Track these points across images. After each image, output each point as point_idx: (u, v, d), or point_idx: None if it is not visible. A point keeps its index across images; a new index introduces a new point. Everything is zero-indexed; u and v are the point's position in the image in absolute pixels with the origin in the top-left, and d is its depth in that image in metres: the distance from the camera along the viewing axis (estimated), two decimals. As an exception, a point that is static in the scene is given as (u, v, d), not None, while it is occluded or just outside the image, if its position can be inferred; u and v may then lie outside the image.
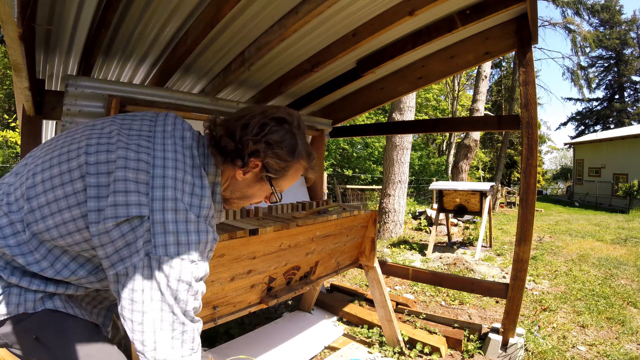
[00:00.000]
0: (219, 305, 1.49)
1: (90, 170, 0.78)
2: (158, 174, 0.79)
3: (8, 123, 9.54)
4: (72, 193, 0.78)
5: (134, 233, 0.75)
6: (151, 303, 0.74)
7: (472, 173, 19.80)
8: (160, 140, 0.85)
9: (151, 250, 0.74)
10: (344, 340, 2.47)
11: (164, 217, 0.76)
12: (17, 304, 0.81)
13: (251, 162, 0.88)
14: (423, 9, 1.89)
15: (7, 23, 0.96)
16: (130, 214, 0.75)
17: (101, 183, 0.78)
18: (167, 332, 0.75)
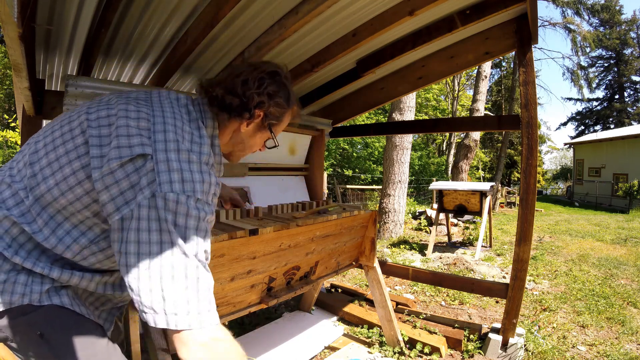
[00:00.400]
0: (219, 305, 1.49)
1: (92, 124, 0.81)
2: (159, 121, 0.82)
3: (8, 123, 9.54)
4: (73, 148, 0.80)
5: (137, 174, 0.74)
6: (159, 245, 0.71)
7: (472, 173, 19.80)
8: (157, 102, 0.90)
9: (156, 188, 0.73)
10: (344, 340, 2.47)
11: (167, 156, 0.77)
12: (22, 294, 0.80)
13: (256, 113, 0.96)
14: (423, 9, 1.89)
15: (7, 23, 0.96)
16: (134, 152, 0.75)
17: (103, 134, 0.80)
18: (180, 279, 0.70)
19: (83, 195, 0.80)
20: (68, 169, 0.79)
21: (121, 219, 0.74)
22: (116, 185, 0.75)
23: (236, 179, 2.38)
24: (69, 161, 0.80)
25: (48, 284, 0.83)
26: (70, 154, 0.80)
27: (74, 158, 0.80)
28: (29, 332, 0.80)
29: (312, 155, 2.98)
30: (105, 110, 0.83)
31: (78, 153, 0.80)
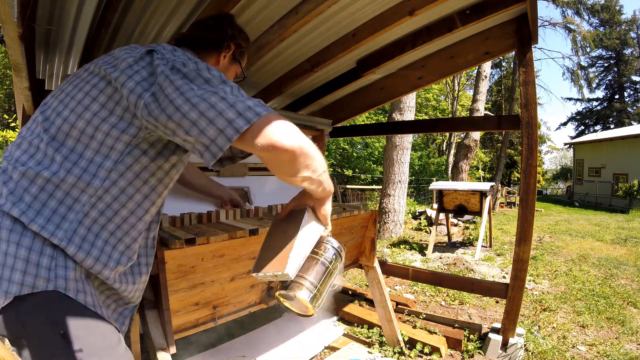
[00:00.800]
0: (219, 305, 1.49)
1: (99, 62, 0.89)
2: (152, 44, 0.91)
3: (8, 123, 9.55)
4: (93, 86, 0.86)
5: (151, 64, 0.82)
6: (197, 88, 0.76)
7: (472, 173, 19.80)
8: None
9: (172, 62, 0.81)
10: (344, 340, 2.47)
11: (169, 51, 0.87)
12: (48, 278, 0.75)
13: (231, 44, 1.10)
14: (423, 9, 1.89)
15: (7, 23, 0.97)
16: (142, 51, 0.85)
17: (109, 62, 0.87)
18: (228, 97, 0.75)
19: (106, 102, 0.83)
20: (80, 94, 0.85)
21: (152, 94, 0.78)
22: (138, 74, 0.81)
23: (236, 179, 2.37)
24: (83, 91, 0.86)
25: (72, 270, 0.79)
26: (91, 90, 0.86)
27: (88, 89, 0.86)
28: (48, 328, 0.75)
29: (312, 155, 2.98)
30: (104, 55, 0.93)
31: (91, 83, 0.86)
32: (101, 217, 0.85)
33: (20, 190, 0.79)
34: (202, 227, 1.49)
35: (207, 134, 0.73)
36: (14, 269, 0.74)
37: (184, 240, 1.24)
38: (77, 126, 0.82)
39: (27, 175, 0.80)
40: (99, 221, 0.85)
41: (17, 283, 0.74)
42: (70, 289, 0.79)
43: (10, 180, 0.80)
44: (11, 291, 0.73)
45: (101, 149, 0.82)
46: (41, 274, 0.76)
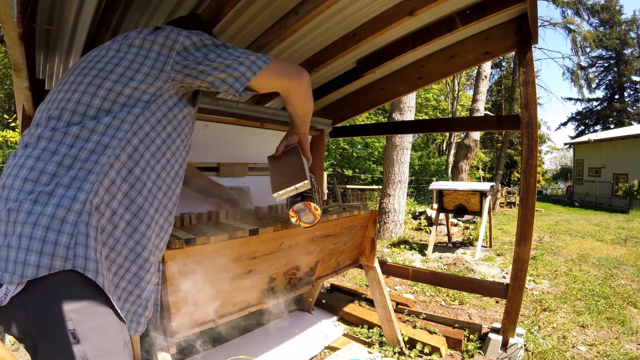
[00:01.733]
0: (219, 305, 1.49)
1: (105, 44, 0.97)
2: None
3: (8, 123, 9.54)
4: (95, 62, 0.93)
5: (164, 35, 0.95)
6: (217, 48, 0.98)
7: (472, 173, 19.80)
8: None
9: (184, 31, 0.97)
10: (344, 340, 2.47)
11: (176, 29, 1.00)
12: (65, 257, 0.71)
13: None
14: (423, 9, 1.89)
15: (7, 23, 0.97)
16: (150, 28, 0.97)
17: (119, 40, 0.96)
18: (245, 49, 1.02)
19: (130, 64, 0.91)
20: (101, 64, 0.91)
21: (183, 47, 0.95)
22: (161, 33, 0.94)
23: (236, 179, 2.37)
24: (97, 68, 0.91)
25: (92, 249, 0.75)
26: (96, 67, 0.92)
27: (106, 60, 0.92)
28: (57, 326, 0.70)
29: (312, 155, 2.96)
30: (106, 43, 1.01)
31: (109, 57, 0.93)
32: (129, 162, 0.89)
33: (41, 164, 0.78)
34: (202, 227, 1.49)
35: (239, 69, 0.98)
36: (30, 250, 0.70)
37: (184, 240, 1.24)
38: (104, 86, 0.88)
39: (48, 149, 0.80)
40: (127, 165, 0.88)
41: (33, 265, 0.69)
42: (90, 269, 0.74)
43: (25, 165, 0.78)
44: (27, 274, 0.69)
45: (128, 101, 0.90)
46: (59, 253, 0.71)
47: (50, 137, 0.81)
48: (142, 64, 0.91)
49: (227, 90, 0.99)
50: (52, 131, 0.82)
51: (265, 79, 1.03)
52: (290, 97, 1.16)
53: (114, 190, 0.84)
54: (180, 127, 1.04)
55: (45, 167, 0.77)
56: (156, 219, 0.97)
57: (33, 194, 0.74)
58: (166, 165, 0.99)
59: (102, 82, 0.88)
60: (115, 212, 0.84)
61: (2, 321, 0.73)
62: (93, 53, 0.96)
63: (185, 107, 1.03)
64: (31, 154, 0.79)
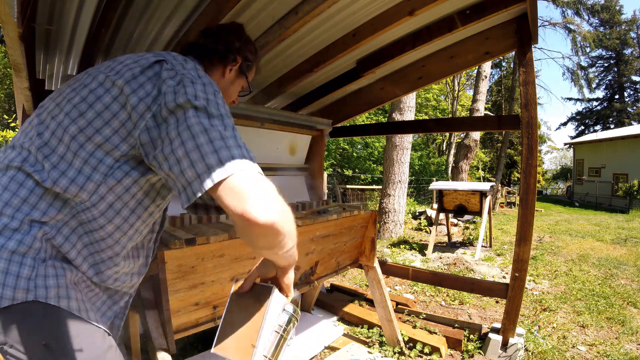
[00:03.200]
0: (219, 305, 1.49)
1: (102, 69, 0.86)
2: (162, 53, 0.90)
3: (8, 123, 9.54)
4: (83, 87, 0.84)
5: (158, 75, 0.81)
6: (196, 119, 0.73)
7: (472, 173, 19.80)
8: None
9: (179, 77, 0.80)
10: (344, 340, 2.47)
11: (178, 62, 0.86)
12: (27, 288, 0.74)
13: (238, 58, 1.07)
14: (423, 9, 1.89)
15: (7, 23, 0.97)
16: (150, 60, 0.84)
17: (115, 67, 0.85)
18: (217, 140, 0.72)
19: (102, 111, 0.80)
20: (77, 99, 0.82)
21: (153, 116, 0.77)
22: (142, 88, 0.79)
23: (236, 179, 2.37)
24: (80, 95, 0.83)
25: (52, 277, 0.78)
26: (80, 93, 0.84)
27: (85, 93, 0.83)
28: (31, 339, 0.74)
29: (312, 155, 2.98)
30: (109, 61, 0.90)
31: (90, 88, 0.83)
32: (86, 226, 0.84)
33: (7, 195, 0.78)
34: (202, 227, 1.49)
35: (186, 175, 0.72)
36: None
37: (184, 240, 1.24)
38: (69, 131, 0.80)
39: (16, 179, 0.79)
40: (83, 228, 0.84)
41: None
42: (51, 296, 0.77)
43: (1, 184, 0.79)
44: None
45: (90, 159, 0.80)
46: (20, 285, 0.74)
47: (18, 167, 0.80)
48: (115, 115, 0.79)
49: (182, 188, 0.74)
50: (22, 163, 0.80)
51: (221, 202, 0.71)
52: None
53: (74, 238, 0.84)
54: (159, 196, 0.93)
55: (10, 200, 0.78)
56: (123, 255, 0.95)
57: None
58: (135, 231, 0.93)
59: (69, 125, 0.80)
60: (76, 258, 0.85)
61: None
62: (89, 72, 0.88)
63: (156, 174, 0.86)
64: (0, 180, 0.80)
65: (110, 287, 0.94)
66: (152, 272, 1.17)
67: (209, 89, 0.80)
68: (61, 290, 0.79)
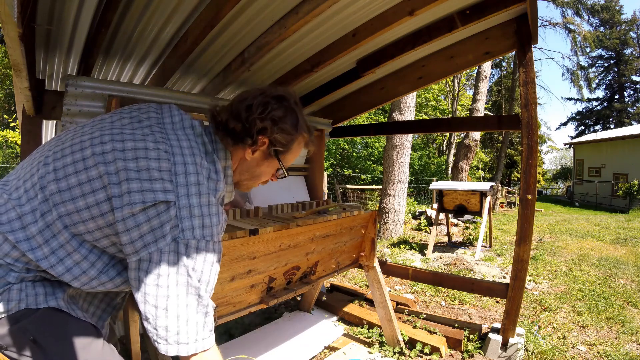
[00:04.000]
0: (219, 305, 1.49)
1: (107, 159, 0.79)
2: (179, 161, 0.82)
3: (8, 123, 9.53)
4: (87, 181, 0.79)
5: (159, 218, 0.77)
6: (177, 287, 0.76)
7: (472, 173, 19.80)
8: (172, 132, 0.88)
9: (178, 234, 0.77)
10: (344, 340, 2.47)
11: (190, 202, 0.79)
12: (19, 299, 0.80)
13: (259, 140, 0.93)
14: (423, 9, 1.89)
15: (7, 23, 0.96)
16: (157, 199, 0.77)
17: (120, 169, 0.78)
18: (193, 315, 0.77)
19: (104, 226, 0.80)
20: (91, 199, 0.78)
21: (138, 260, 0.78)
22: (137, 229, 0.77)
23: (236, 179, 2.37)
24: (90, 192, 0.79)
25: (43, 287, 0.83)
26: (84, 186, 0.79)
27: (88, 192, 0.79)
28: (22, 338, 0.79)
29: (312, 155, 2.98)
30: (121, 143, 0.81)
31: (92, 187, 0.79)
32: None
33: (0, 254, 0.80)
34: (202, 227, 1.49)
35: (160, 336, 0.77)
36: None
37: (184, 240, 1.24)
38: (78, 228, 0.80)
39: (10, 242, 0.79)
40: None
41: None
42: (40, 301, 0.82)
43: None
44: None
45: (89, 256, 0.83)
46: (13, 297, 0.80)
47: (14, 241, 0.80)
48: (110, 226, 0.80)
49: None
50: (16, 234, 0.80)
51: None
52: None
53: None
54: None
55: (1, 245, 0.80)
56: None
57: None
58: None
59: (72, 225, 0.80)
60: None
61: None
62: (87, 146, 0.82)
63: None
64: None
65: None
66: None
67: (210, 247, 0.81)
68: (49, 296, 0.83)
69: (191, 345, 0.78)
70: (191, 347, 0.78)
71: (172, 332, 0.76)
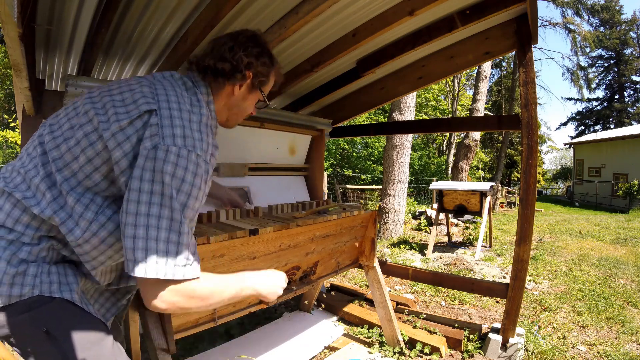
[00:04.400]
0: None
1: (96, 105, 0.86)
2: (159, 87, 0.89)
3: (8, 123, 9.54)
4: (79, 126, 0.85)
5: (144, 128, 0.80)
6: (150, 195, 0.76)
7: (472, 173, 19.80)
8: (155, 78, 0.94)
9: (159, 141, 0.78)
10: (344, 340, 2.47)
11: (171, 113, 0.83)
12: (33, 285, 0.80)
13: (247, 75, 1.03)
14: (423, 9, 1.89)
15: (7, 23, 0.97)
16: (141, 109, 0.81)
17: (106, 102, 0.85)
18: (163, 232, 0.76)
19: (93, 157, 0.82)
20: (72, 141, 0.83)
21: (126, 181, 0.80)
22: (128, 142, 0.80)
23: (236, 179, 2.37)
24: (75, 138, 0.84)
25: (55, 274, 0.84)
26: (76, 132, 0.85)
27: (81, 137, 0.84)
28: (32, 328, 0.79)
29: (312, 155, 2.98)
30: (108, 94, 0.89)
31: (84, 131, 0.84)
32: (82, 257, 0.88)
33: (10, 221, 0.83)
34: (202, 227, 1.49)
35: (128, 255, 0.76)
36: (2, 283, 0.79)
37: (184, 240, 1.24)
38: (63, 173, 0.83)
39: (20, 203, 0.83)
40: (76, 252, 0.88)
41: (5, 295, 0.79)
42: (55, 290, 0.83)
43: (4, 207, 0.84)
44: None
45: (82, 199, 0.83)
46: (27, 283, 0.81)
47: (21, 198, 0.83)
48: (105, 163, 0.82)
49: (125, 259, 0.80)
50: (23, 193, 0.84)
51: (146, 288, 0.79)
52: None
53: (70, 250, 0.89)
54: None
55: (20, 217, 0.83)
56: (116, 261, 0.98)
57: (10, 234, 0.82)
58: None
59: (63, 168, 0.84)
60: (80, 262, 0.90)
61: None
62: (81, 109, 0.87)
63: None
64: (8, 200, 0.85)
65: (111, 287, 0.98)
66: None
67: (192, 157, 0.80)
68: (63, 285, 0.85)
69: (160, 267, 0.75)
70: (161, 270, 0.75)
71: (140, 247, 0.74)
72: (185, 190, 0.79)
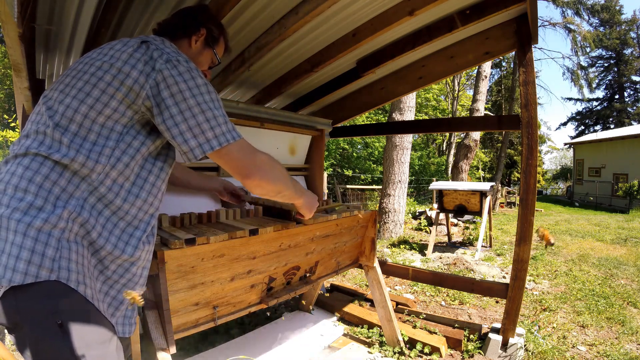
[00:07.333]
0: (219, 305, 1.49)
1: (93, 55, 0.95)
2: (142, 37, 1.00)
3: (8, 123, 9.54)
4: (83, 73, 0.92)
5: (147, 53, 0.92)
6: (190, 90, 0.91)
7: (472, 173, 19.80)
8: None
9: (167, 56, 0.92)
10: (344, 340, 2.47)
11: (161, 44, 0.97)
12: (51, 269, 0.79)
13: (202, 30, 1.17)
14: (423, 9, 1.89)
15: (7, 23, 0.97)
16: (138, 40, 0.94)
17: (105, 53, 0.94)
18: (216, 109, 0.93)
19: (106, 88, 0.89)
20: (80, 83, 0.90)
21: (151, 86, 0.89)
22: (140, 62, 0.90)
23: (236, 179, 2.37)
24: (83, 80, 0.91)
25: (74, 262, 0.84)
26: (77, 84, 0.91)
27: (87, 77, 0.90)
28: (45, 318, 0.77)
29: (312, 155, 2.98)
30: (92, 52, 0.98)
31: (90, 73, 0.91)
32: (109, 194, 0.92)
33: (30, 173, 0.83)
34: (202, 227, 1.49)
35: (207, 134, 0.92)
36: (19, 258, 0.76)
37: (184, 240, 1.24)
38: (80, 111, 0.88)
39: (36, 160, 0.84)
40: (102, 202, 0.91)
41: (21, 272, 0.76)
42: (72, 279, 0.82)
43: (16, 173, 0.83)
44: (15, 280, 0.76)
45: (102, 131, 0.90)
46: (45, 264, 0.79)
47: (36, 152, 0.85)
48: (118, 89, 0.89)
49: (184, 152, 0.93)
50: (39, 146, 0.86)
51: (224, 158, 0.96)
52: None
53: (95, 213, 0.91)
54: (167, 155, 1.06)
55: (33, 177, 0.83)
56: (138, 236, 1.00)
57: (23, 202, 0.80)
58: (150, 189, 1.01)
59: (79, 106, 0.88)
60: (101, 234, 0.92)
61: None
62: (84, 61, 0.94)
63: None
64: (21, 162, 0.85)
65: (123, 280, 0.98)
66: (152, 272, 1.17)
67: (191, 64, 0.95)
68: (80, 276, 0.85)
69: (228, 134, 0.94)
70: (228, 136, 0.94)
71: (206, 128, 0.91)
72: (205, 82, 0.95)
